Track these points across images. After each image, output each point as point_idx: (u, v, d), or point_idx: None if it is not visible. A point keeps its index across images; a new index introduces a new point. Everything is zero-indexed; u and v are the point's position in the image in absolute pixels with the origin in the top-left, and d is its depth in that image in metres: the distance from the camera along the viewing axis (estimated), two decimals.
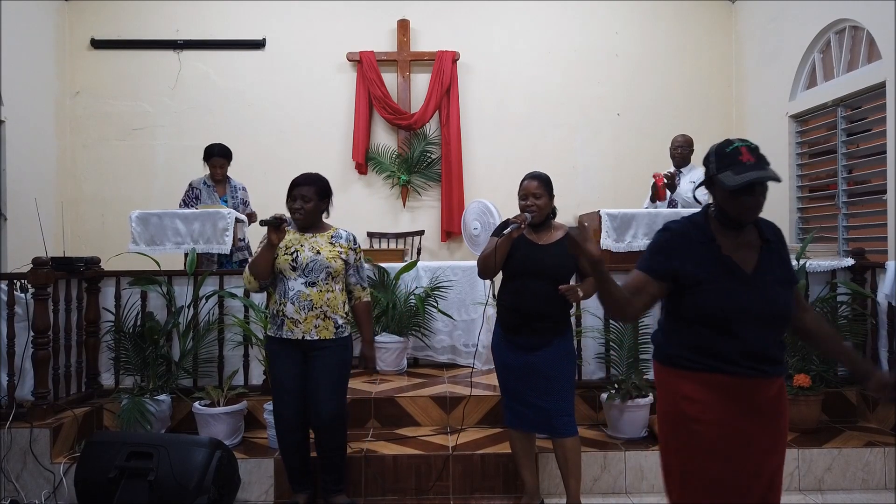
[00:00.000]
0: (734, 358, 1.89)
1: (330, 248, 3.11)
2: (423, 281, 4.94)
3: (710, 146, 2.01)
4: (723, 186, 1.88)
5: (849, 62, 5.25)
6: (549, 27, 6.84)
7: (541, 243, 3.08)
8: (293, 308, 3.04)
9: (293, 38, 6.76)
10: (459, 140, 6.70)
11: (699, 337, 1.93)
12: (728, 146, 1.92)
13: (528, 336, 3.02)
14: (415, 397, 4.04)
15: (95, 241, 6.35)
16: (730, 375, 1.90)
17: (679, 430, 1.96)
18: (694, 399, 1.92)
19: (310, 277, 3.06)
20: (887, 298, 3.92)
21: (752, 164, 1.86)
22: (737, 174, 1.85)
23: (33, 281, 3.58)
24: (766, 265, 1.94)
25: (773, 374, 1.94)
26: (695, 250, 1.94)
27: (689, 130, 5.33)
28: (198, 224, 4.46)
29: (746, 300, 1.89)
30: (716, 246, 1.94)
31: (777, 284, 1.93)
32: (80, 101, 6.69)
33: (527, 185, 3.09)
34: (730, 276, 1.91)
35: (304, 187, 3.09)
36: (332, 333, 3.08)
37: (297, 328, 3.05)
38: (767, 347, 1.92)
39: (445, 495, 3.47)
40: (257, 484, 3.49)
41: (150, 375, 3.87)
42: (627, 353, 3.93)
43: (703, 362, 1.92)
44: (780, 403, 1.98)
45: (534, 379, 3.01)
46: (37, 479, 3.44)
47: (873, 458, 3.56)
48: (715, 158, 1.94)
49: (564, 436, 3.02)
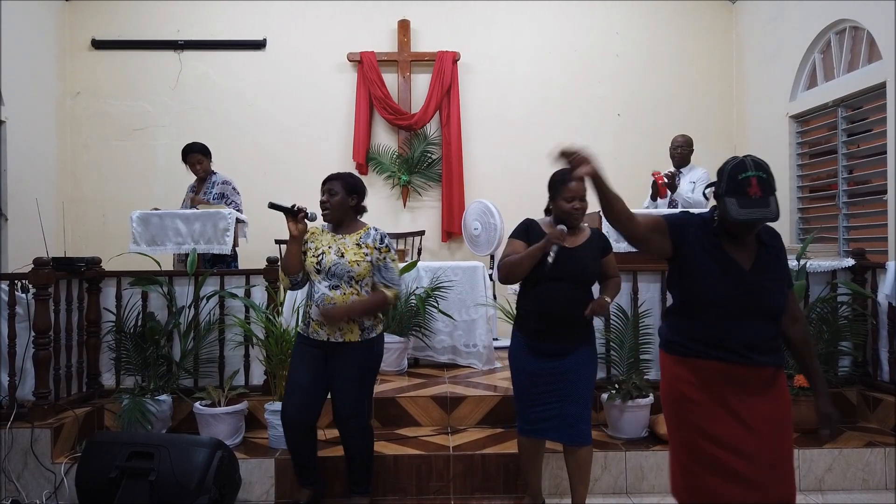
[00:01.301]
0: (724, 345, 2.05)
1: (355, 251, 3.07)
2: (424, 281, 4.94)
3: (728, 159, 2.04)
4: (727, 213, 1.97)
5: (849, 62, 5.25)
6: (549, 27, 6.85)
7: (568, 246, 2.90)
8: (318, 311, 3.03)
9: (294, 38, 6.76)
10: (460, 140, 6.70)
11: (693, 326, 2.11)
12: (741, 173, 1.97)
13: (554, 342, 2.91)
14: (415, 397, 4.04)
15: (96, 242, 6.35)
16: (718, 361, 2.06)
17: (676, 409, 2.16)
18: (687, 381, 2.11)
19: (333, 281, 3.04)
20: (888, 299, 3.92)
21: (758, 199, 1.93)
22: (740, 206, 1.94)
23: (34, 281, 3.58)
24: (763, 264, 2.08)
25: (761, 364, 2.06)
26: (702, 240, 2.10)
27: (689, 131, 5.33)
28: (198, 224, 4.46)
29: (739, 292, 2.03)
30: (718, 242, 2.08)
31: (771, 282, 2.07)
32: (81, 101, 6.69)
33: (575, 187, 2.88)
34: (727, 268, 2.05)
35: (332, 182, 3.12)
36: (358, 336, 3.06)
37: (322, 330, 3.05)
38: (756, 338, 2.05)
39: (446, 495, 3.47)
40: (258, 484, 3.50)
41: (150, 375, 3.87)
42: (628, 353, 3.93)
43: (696, 349, 2.10)
44: (775, 391, 2.09)
45: (557, 384, 2.90)
46: (38, 479, 3.45)
47: (874, 459, 3.56)
48: (726, 179, 2.00)
49: (580, 445, 2.95)
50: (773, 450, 2.04)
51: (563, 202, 2.91)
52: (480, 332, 4.92)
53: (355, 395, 3.10)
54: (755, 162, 1.99)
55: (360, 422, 3.13)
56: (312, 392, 3.10)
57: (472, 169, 6.78)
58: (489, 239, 6.12)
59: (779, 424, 2.08)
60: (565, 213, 2.92)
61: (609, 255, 3.06)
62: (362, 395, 3.15)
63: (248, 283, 4.11)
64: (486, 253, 6.18)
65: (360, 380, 3.11)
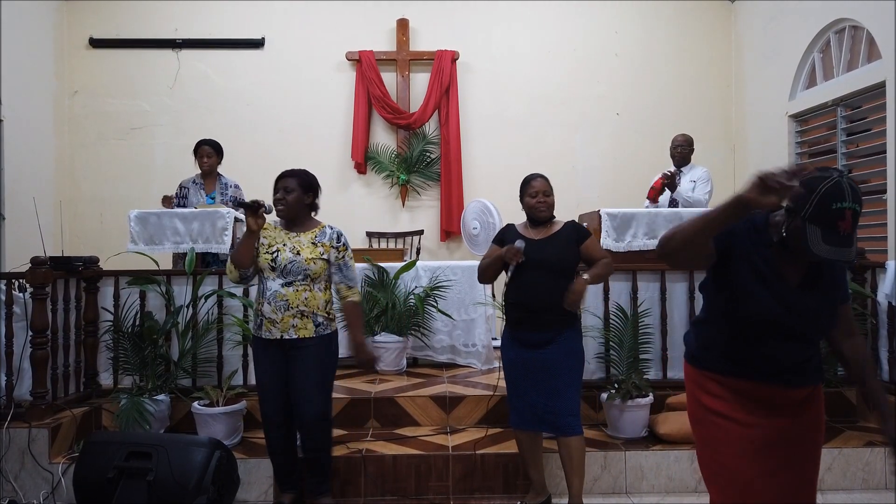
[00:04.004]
0: (758, 365, 1.89)
1: (311, 249, 3.06)
2: (423, 281, 4.93)
3: (818, 173, 1.71)
4: (804, 240, 1.69)
5: (848, 62, 5.25)
6: (548, 27, 6.84)
7: (538, 238, 3.10)
8: (270, 308, 3.02)
9: (292, 37, 6.75)
10: (459, 139, 6.69)
11: (725, 341, 1.94)
12: (837, 201, 1.65)
13: (534, 331, 3.02)
14: (414, 397, 4.03)
15: (94, 241, 6.33)
16: (751, 381, 1.90)
17: (703, 425, 1.99)
18: (715, 395, 1.95)
19: (287, 278, 3.03)
20: (887, 298, 3.91)
21: (844, 237, 1.66)
22: (824, 241, 1.67)
23: (32, 280, 3.56)
24: (813, 280, 1.87)
25: (797, 385, 1.91)
26: (750, 250, 1.87)
27: (688, 130, 5.32)
28: (197, 224, 4.45)
29: (781, 312, 1.84)
30: (769, 251, 1.86)
31: (819, 301, 1.86)
32: (79, 100, 6.68)
33: (536, 184, 3.14)
34: (771, 284, 1.84)
35: (288, 179, 3.08)
36: (313, 332, 3.04)
37: (274, 328, 3.02)
38: (794, 360, 1.89)
39: (445, 495, 3.46)
40: (256, 484, 3.48)
41: (148, 375, 3.85)
42: (627, 352, 3.92)
43: (726, 366, 1.94)
44: (808, 411, 1.95)
45: (540, 376, 3.01)
46: (35, 479, 3.43)
47: (873, 458, 3.56)
48: (816, 202, 1.67)
49: (569, 435, 3.02)
50: (800, 472, 1.94)
51: (529, 198, 3.14)
52: (479, 331, 4.91)
53: (318, 392, 3.08)
54: (853, 190, 1.67)
55: (323, 420, 3.12)
56: (283, 392, 3.09)
57: (471, 168, 6.77)
58: (488, 238, 6.10)
59: (811, 446, 1.96)
60: (531, 208, 3.14)
61: (587, 241, 3.12)
62: (326, 392, 3.14)
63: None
64: (484, 252, 6.16)
65: (321, 377, 3.09)
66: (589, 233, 3.18)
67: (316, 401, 3.06)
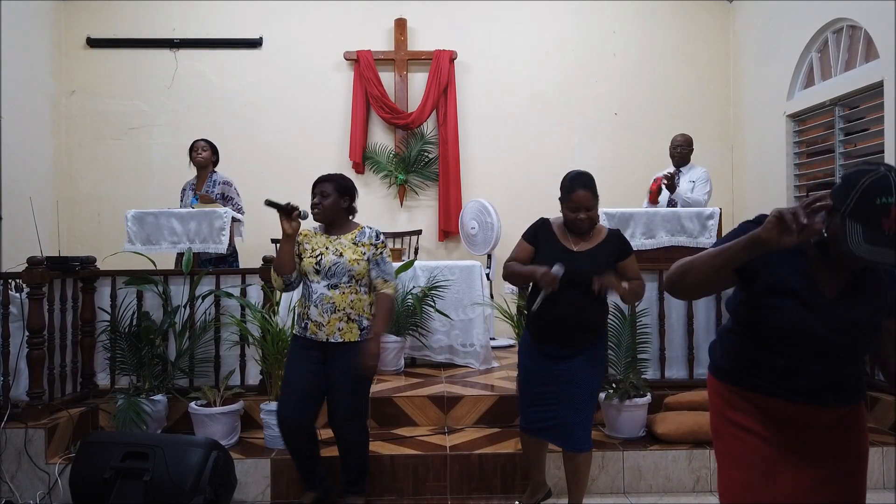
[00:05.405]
0: (790, 384, 1.72)
1: (353, 250, 3.10)
2: (421, 280, 4.93)
3: (862, 166, 1.56)
4: (842, 239, 1.51)
5: (846, 61, 5.25)
6: (546, 26, 6.83)
7: (577, 249, 2.84)
8: (317, 311, 3.04)
9: (290, 37, 6.74)
10: (457, 139, 6.69)
11: (754, 356, 1.78)
12: (882, 196, 1.47)
13: (562, 346, 2.86)
14: (412, 397, 4.02)
15: (91, 241, 6.33)
16: (780, 398, 1.75)
17: (725, 439, 1.85)
18: (740, 409, 1.81)
19: (332, 280, 3.05)
20: None
21: (889, 237, 1.47)
22: (866, 240, 1.48)
23: (28, 280, 3.56)
24: (854, 292, 1.67)
25: (833, 404, 1.73)
26: (780, 257, 1.66)
27: (686, 129, 5.33)
28: (194, 223, 4.45)
29: (815, 327, 1.65)
30: (804, 260, 1.67)
31: (858, 316, 1.67)
32: (76, 99, 6.66)
33: (578, 197, 2.76)
34: (805, 297, 1.65)
35: (324, 184, 3.13)
36: (357, 336, 3.07)
37: (320, 331, 3.04)
38: (830, 379, 1.71)
39: (443, 495, 3.45)
40: (254, 484, 3.48)
41: (145, 375, 3.85)
42: (625, 352, 3.92)
43: (754, 382, 1.78)
44: (847, 433, 1.78)
45: (559, 387, 2.85)
46: (32, 479, 3.43)
47: (872, 458, 3.52)
48: (858, 195, 1.50)
49: (579, 451, 2.90)
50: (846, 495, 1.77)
51: (568, 211, 2.82)
52: (478, 331, 4.91)
53: (353, 394, 3.10)
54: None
55: (358, 422, 3.14)
56: (311, 394, 3.09)
57: (469, 168, 6.76)
58: (486, 238, 6.11)
59: (850, 474, 1.78)
60: (569, 222, 2.85)
61: (627, 258, 2.89)
62: (361, 395, 3.15)
63: (244, 282, 4.09)
64: (483, 252, 6.17)
65: (359, 380, 3.10)
66: (631, 250, 2.95)
67: (348, 403, 3.08)
